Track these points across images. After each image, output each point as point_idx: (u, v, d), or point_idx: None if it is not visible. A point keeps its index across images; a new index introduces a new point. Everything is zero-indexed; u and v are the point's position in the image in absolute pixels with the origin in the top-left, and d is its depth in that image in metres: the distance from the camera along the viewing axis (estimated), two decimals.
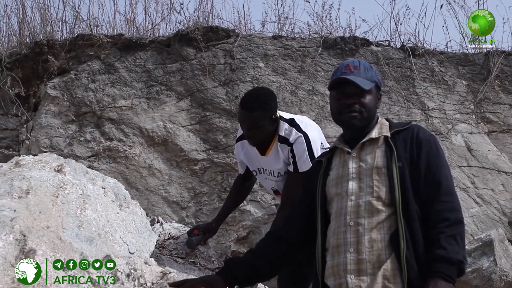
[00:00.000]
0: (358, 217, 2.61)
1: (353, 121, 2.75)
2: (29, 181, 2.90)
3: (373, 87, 2.77)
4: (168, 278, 2.77)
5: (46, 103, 6.23)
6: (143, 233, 3.11)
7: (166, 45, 6.38)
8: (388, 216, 2.57)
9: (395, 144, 2.67)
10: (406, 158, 2.63)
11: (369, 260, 2.54)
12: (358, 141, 2.75)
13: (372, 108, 2.76)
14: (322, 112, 6.02)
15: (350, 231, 2.61)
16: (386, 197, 2.59)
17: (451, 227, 2.49)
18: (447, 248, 2.44)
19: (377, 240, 2.55)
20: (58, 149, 5.96)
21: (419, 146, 2.66)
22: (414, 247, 2.50)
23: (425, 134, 2.72)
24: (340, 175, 2.74)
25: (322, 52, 6.26)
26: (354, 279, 2.56)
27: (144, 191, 5.84)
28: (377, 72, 2.86)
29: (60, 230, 2.67)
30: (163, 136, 5.99)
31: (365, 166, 2.68)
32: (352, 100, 2.74)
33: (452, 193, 2.60)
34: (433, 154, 2.65)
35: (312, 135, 3.71)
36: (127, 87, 6.20)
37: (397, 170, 2.60)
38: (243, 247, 5.68)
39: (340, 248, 2.62)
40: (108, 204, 3.15)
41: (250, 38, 6.37)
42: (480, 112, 6.18)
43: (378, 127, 2.78)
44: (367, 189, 2.63)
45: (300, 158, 3.64)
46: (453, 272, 2.43)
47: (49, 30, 6.93)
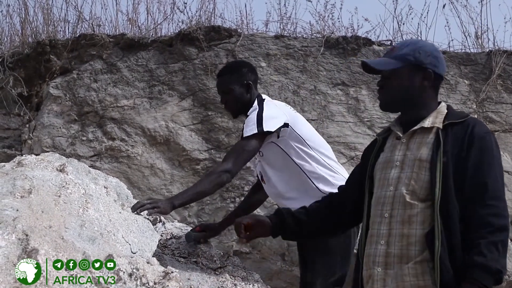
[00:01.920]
0: (393, 209, 2.55)
1: (380, 105, 2.70)
2: (31, 181, 2.91)
3: (404, 67, 2.63)
4: (170, 277, 2.77)
5: (49, 103, 6.23)
6: (145, 232, 3.12)
7: (168, 45, 6.38)
8: (421, 211, 2.49)
9: (445, 137, 2.54)
10: (454, 154, 2.50)
11: (397, 254, 2.50)
12: (412, 125, 2.64)
13: (402, 91, 2.64)
14: (324, 112, 6.02)
15: (384, 222, 2.56)
16: (422, 192, 2.51)
17: (494, 233, 2.39)
18: (486, 256, 2.34)
19: (408, 235, 2.49)
20: (61, 149, 5.97)
21: (471, 142, 2.52)
22: (450, 248, 2.41)
23: (481, 130, 2.57)
24: (387, 160, 2.67)
25: (324, 52, 6.26)
26: (380, 271, 2.53)
27: (146, 190, 5.85)
28: (419, 49, 2.66)
29: (63, 230, 2.67)
30: (165, 135, 6.00)
31: (410, 155, 2.59)
32: (380, 84, 2.69)
33: (499, 197, 2.48)
34: (485, 152, 2.51)
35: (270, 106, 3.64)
36: (129, 86, 6.20)
37: (441, 165, 2.47)
38: (245, 246, 5.68)
39: (373, 238, 2.59)
40: (111, 204, 3.16)
41: (252, 37, 6.37)
42: (482, 112, 6.17)
43: (434, 115, 2.65)
44: (405, 181, 2.55)
45: (247, 124, 3.57)
46: (489, 282, 2.35)
47: (52, 30, 6.93)
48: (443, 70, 2.74)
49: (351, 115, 6.02)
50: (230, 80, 3.71)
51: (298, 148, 3.56)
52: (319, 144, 3.71)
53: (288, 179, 3.59)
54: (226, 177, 3.43)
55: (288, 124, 3.57)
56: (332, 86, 6.13)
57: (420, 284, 2.46)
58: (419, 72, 2.65)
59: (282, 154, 3.56)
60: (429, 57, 2.66)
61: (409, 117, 2.69)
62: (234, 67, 3.82)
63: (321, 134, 5.86)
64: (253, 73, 3.83)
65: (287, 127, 3.55)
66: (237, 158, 3.46)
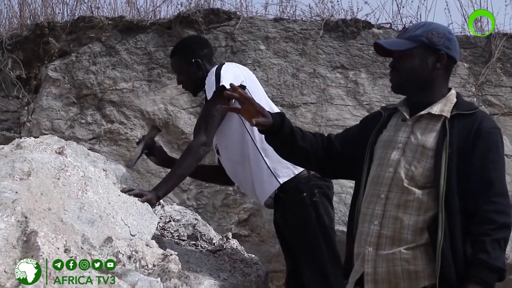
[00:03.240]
0: (390, 191, 2.54)
1: (392, 86, 2.68)
2: (30, 163, 2.91)
3: (417, 48, 2.60)
4: (169, 260, 2.78)
5: (47, 85, 6.23)
6: (144, 215, 3.12)
7: (167, 28, 6.36)
8: (418, 198, 2.49)
9: (451, 128, 2.52)
10: (459, 146, 2.49)
11: (389, 236, 2.50)
12: (420, 109, 2.62)
13: (414, 72, 2.61)
14: (323, 95, 6.01)
15: (380, 203, 2.56)
16: (421, 179, 2.51)
17: (497, 230, 2.39)
18: (490, 253, 2.35)
19: (402, 219, 2.49)
20: (59, 132, 5.97)
21: (477, 137, 2.50)
22: (451, 239, 2.41)
23: (489, 125, 2.56)
24: (390, 140, 2.64)
25: (323, 35, 6.24)
26: (371, 252, 2.53)
27: (145, 173, 5.85)
28: (433, 31, 2.62)
29: (62, 212, 2.68)
30: (164, 118, 5.99)
31: (414, 140, 2.57)
32: (392, 64, 2.65)
33: (504, 194, 2.48)
34: (491, 149, 2.51)
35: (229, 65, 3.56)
36: (128, 69, 6.19)
37: (446, 156, 2.46)
38: (244, 229, 5.70)
39: (367, 217, 2.58)
40: (110, 186, 3.16)
41: (251, 20, 6.35)
42: (481, 95, 6.17)
43: (443, 102, 2.62)
44: (405, 165, 2.54)
45: (207, 85, 3.49)
46: (493, 280, 2.37)
47: (50, 12, 6.91)
48: (457, 53, 2.70)
49: (350, 98, 6.02)
50: (179, 60, 3.68)
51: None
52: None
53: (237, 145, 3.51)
54: (203, 150, 3.38)
55: (245, 87, 3.44)
56: (331, 69, 6.12)
57: (411, 269, 2.46)
58: (432, 53, 2.62)
59: (235, 118, 3.47)
60: (442, 38, 2.62)
61: (418, 99, 2.66)
62: (181, 46, 3.75)
63: (320, 118, 5.91)
64: (203, 47, 3.73)
65: (243, 89, 3.36)
66: (207, 126, 3.39)
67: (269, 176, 3.42)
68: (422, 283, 2.46)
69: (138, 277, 2.53)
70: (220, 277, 3.17)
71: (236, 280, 3.23)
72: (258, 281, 3.41)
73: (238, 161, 3.51)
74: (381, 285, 2.50)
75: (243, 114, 2.82)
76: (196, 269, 3.15)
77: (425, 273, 2.45)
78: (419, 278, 2.46)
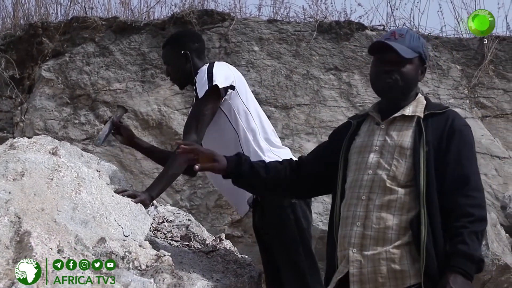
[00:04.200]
0: (371, 192, 2.57)
1: (387, 89, 2.69)
2: (24, 164, 2.91)
3: (416, 58, 2.69)
4: (162, 261, 2.78)
5: (41, 86, 6.22)
6: (137, 216, 3.12)
7: (161, 28, 6.37)
8: (401, 197, 2.53)
9: (426, 127, 2.59)
10: (435, 145, 2.56)
11: (373, 236, 2.53)
12: (392, 112, 2.68)
13: (411, 79, 2.69)
14: (316, 97, 6.03)
15: (361, 205, 2.58)
16: (402, 178, 2.55)
17: (475, 223, 2.44)
18: (469, 244, 2.40)
19: (386, 219, 2.52)
20: (53, 132, 5.97)
21: (451, 135, 2.57)
22: (434, 235, 2.46)
23: (460, 122, 2.63)
24: (365, 144, 2.69)
25: (317, 36, 6.26)
26: (356, 253, 2.55)
27: (139, 174, 5.85)
28: (424, 44, 2.77)
29: (55, 213, 2.67)
30: (158, 119, 6.00)
31: (390, 142, 2.62)
32: (390, 68, 2.67)
33: (480, 189, 2.55)
34: (465, 146, 2.58)
35: (220, 65, 3.57)
36: (121, 70, 6.20)
37: (424, 154, 2.53)
38: (237, 230, 5.70)
39: (349, 220, 2.60)
40: (103, 187, 3.15)
41: (245, 22, 6.36)
42: (474, 97, 6.19)
43: (414, 104, 2.70)
44: (385, 166, 2.58)
45: (198, 83, 3.47)
46: (473, 270, 2.41)
47: (44, 12, 6.91)
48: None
49: (343, 99, 6.04)
50: (170, 51, 3.70)
51: (238, 115, 3.49)
52: (260, 119, 3.62)
53: (224, 145, 3.51)
54: None
55: (234, 87, 3.48)
56: (324, 70, 6.14)
57: (397, 268, 2.48)
58: (422, 65, 2.75)
59: (223, 118, 3.50)
60: (427, 51, 2.82)
61: (391, 104, 2.72)
62: (173, 38, 3.78)
63: (313, 119, 5.92)
64: (194, 42, 3.74)
65: (233, 89, 3.47)
66: (198, 124, 3.39)
67: None
68: (408, 282, 2.48)
69: (131, 277, 2.53)
70: (213, 277, 3.18)
71: (229, 281, 3.24)
72: (251, 282, 3.41)
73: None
74: (367, 285, 2.51)
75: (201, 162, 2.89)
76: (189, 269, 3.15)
77: (411, 273, 2.47)
78: (405, 277, 2.48)
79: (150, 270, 2.71)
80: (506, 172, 5.89)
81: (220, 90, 3.41)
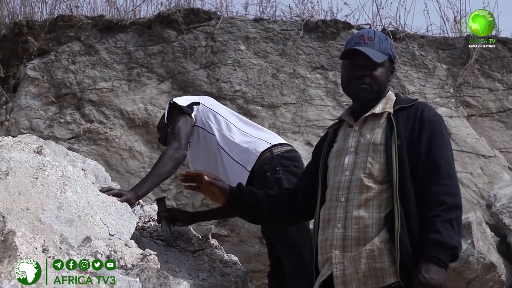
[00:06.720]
0: (349, 193, 2.59)
1: (361, 93, 2.73)
2: (8, 163, 2.89)
3: (386, 60, 2.74)
4: (148, 260, 2.77)
5: (26, 84, 6.19)
6: (123, 215, 3.11)
7: (147, 27, 6.35)
8: (378, 194, 2.55)
9: (397, 121, 2.62)
10: (406, 137, 2.59)
11: (354, 237, 2.54)
12: (363, 114, 2.73)
13: (383, 82, 2.74)
14: (303, 95, 6.03)
15: (340, 206, 2.60)
16: (379, 174, 2.57)
17: (448, 211, 2.46)
18: (442, 233, 2.41)
19: (364, 218, 2.54)
20: (38, 131, 5.94)
21: (421, 125, 2.61)
22: (409, 227, 2.47)
23: (429, 113, 2.67)
24: (341, 148, 2.73)
25: (303, 35, 6.26)
26: (338, 254, 2.56)
27: (125, 173, 5.84)
28: (392, 45, 2.82)
29: (40, 212, 2.66)
30: (144, 118, 5.98)
31: (363, 141, 2.65)
32: (363, 72, 2.71)
33: (452, 177, 2.57)
34: (436, 135, 2.61)
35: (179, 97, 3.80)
36: (107, 69, 6.17)
37: (396, 148, 2.55)
38: (223, 229, 5.70)
39: (330, 223, 2.62)
40: (89, 186, 3.14)
41: (231, 20, 6.36)
42: (459, 96, 6.22)
43: (383, 102, 2.74)
44: (361, 165, 2.61)
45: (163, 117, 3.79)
46: (446, 258, 2.42)
47: (29, 11, 6.87)
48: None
49: (330, 98, 6.04)
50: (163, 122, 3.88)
51: (209, 120, 3.63)
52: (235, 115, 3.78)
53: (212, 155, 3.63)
54: (177, 152, 3.48)
55: (199, 103, 3.70)
56: (311, 69, 6.15)
57: (377, 266, 2.49)
58: (391, 65, 2.81)
59: (201, 132, 3.64)
60: (395, 52, 2.85)
61: (362, 106, 2.77)
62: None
63: (299, 118, 5.92)
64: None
65: (198, 104, 3.68)
66: (177, 136, 3.53)
67: (240, 169, 3.52)
68: (388, 280, 2.48)
69: (117, 277, 2.52)
70: (199, 277, 3.17)
71: (215, 280, 3.24)
72: (237, 281, 3.41)
73: (218, 170, 3.58)
74: (350, 285, 2.52)
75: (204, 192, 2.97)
76: (175, 269, 3.14)
77: (391, 271, 2.48)
78: (385, 276, 2.49)
79: (135, 269, 2.71)
80: (491, 171, 5.92)
81: (183, 108, 3.61)
